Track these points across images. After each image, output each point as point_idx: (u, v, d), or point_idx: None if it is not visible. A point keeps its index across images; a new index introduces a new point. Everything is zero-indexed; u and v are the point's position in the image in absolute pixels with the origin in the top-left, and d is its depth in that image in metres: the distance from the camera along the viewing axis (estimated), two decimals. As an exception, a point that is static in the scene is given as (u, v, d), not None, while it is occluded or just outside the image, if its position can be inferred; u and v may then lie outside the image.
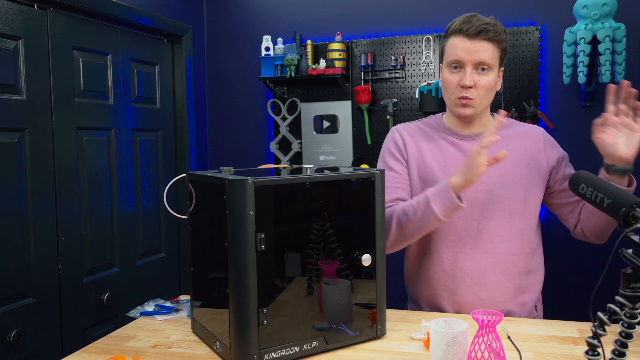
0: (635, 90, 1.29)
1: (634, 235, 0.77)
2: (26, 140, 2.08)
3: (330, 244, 1.26)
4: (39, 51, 2.15)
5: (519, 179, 1.51)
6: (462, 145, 1.54)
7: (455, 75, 1.46)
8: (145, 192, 2.76)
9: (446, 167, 1.53)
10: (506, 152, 1.32)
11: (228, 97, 3.45)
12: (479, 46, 1.42)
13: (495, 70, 1.46)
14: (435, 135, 1.58)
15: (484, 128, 1.55)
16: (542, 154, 1.53)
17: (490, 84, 1.46)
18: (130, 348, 1.31)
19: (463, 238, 1.51)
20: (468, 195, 1.48)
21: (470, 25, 1.42)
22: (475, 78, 1.44)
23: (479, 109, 1.49)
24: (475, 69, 1.44)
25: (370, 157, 3.17)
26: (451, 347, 1.08)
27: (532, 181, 1.52)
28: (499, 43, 1.45)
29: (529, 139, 1.55)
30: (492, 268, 1.50)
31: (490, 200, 1.50)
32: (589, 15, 2.51)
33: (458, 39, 1.44)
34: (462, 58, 1.43)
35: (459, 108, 1.48)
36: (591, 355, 0.83)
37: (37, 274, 2.10)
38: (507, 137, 1.53)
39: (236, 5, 3.40)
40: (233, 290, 1.16)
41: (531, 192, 1.51)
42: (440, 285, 1.54)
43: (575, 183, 0.90)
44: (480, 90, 1.45)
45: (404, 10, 3.09)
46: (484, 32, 1.41)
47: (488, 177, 1.49)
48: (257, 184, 1.13)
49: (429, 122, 1.63)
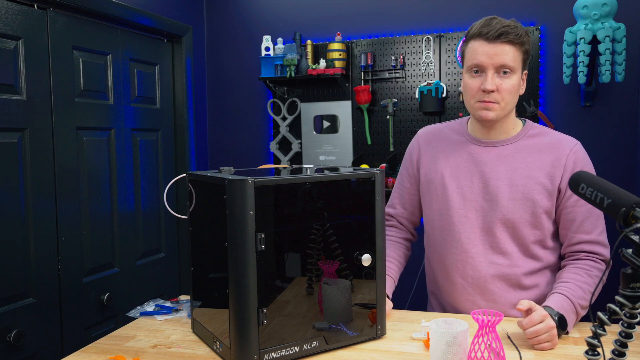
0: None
1: (634, 235, 0.77)
2: (26, 140, 2.08)
3: (330, 244, 1.26)
4: (39, 51, 2.15)
5: (530, 194, 1.44)
6: (479, 153, 1.50)
7: (476, 80, 1.42)
8: (145, 192, 2.76)
9: (456, 175, 1.52)
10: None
11: (228, 97, 3.45)
12: (500, 49, 1.38)
13: (518, 73, 1.41)
14: (455, 141, 1.56)
15: (506, 135, 1.50)
16: (560, 170, 1.43)
17: (514, 88, 1.41)
18: (130, 348, 1.31)
19: (465, 245, 1.50)
20: (473, 202, 1.48)
21: (490, 28, 1.38)
22: (497, 82, 1.39)
23: (501, 113, 1.43)
24: (496, 72, 1.40)
25: (370, 157, 3.17)
26: (451, 347, 1.08)
27: (543, 198, 1.43)
28: (521, 45, 1.40)
29: (555, 152, 1.45)
30: (492, 278, 1.48)
31: (494, 212, 1.46)
32: (589, 15, 2.51)
33: (478, 42, 1.40)
34: (483, 62, 1.39)
35: (481, 111, 1.43)
36: (591, 355, 0.83)
37: (37, 274, 2.10)
38: (532, 147, 1.47)
39: (236, 5, 3.40)
40: (233, 290, 1.16)
41: (539, 210, 1.43)
42: (441, 290, 1.58)
43: (575, 183, 0.90)
44: (503, 94, 1.40)
45: (404, 10, 3.09)
46: (505, 34, 1.37)
47: (496, 187, 1.46)
48: (257, 184, 1.13)
49: (453, 126, 1.61)
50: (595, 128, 2.84)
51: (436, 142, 1.60)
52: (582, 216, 1.42)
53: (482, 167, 1.49)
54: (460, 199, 1.50)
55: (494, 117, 1.43)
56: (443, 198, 1.53)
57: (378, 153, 3.16)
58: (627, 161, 2.80)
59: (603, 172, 2.76)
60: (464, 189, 1.50)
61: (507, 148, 1.48)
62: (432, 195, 1.57)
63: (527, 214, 1.44)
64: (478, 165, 1.49)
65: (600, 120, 2.83)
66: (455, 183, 1.51)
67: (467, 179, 1.50)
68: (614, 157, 2.82)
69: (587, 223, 1.42)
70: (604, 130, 2.83)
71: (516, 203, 1.44)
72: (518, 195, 1.44)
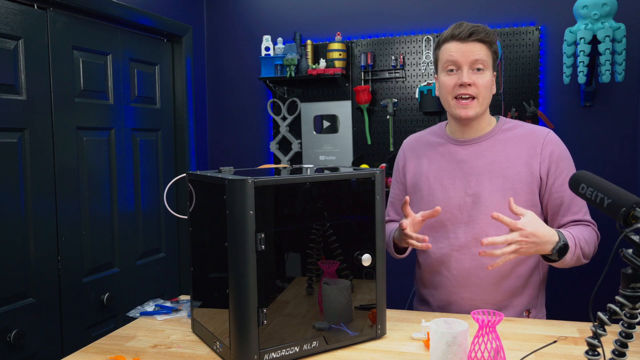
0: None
1: (634, 235, 0.77)
2: (26, 140, 2.08)
3: (330, 244, 1.26)
4: (39, 51, 2.15)
5: (510, 184, 1.48)
6: (458, 152, 1.56)
7: (452, 77, 1.48)
8: (145, 192, 2.76)
9: (439, 177, 1.57)
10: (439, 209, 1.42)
11: (228, 97, 3.45)
12: (472, 47, 1.45)
13: (490, 70, 1.48)
14: (437, 143, 1.62)
15: (482, 132, 1.55)
16: (537, 159, 1.48)
17: (488, 83, 1.47)
18: (130, 348, 1.31)
19: (451, 239, 1.54)
20: (457, 199, 1.53)
21: (461, 29, 1.46)
22: (473, 77, 1.45)
23: (479, 110, 1.48)
24: (471, 69, 1.46)
25: (370, 157, 3.18)
26: (451, 347, 1.08)
27: (523, 187, 1.48)
28: (490, 45, 1.47)
29: (529, 141, 1.51)
30: (476, 270, 1.51)
31: (477, 205, 1.50)
32: (589, 15, 2.51)
33: (451, 44, 1.47)
34: (457, 59, 1.45)
35: (460, 110, 1.48)
36: (591, 355, 0.83)
37: (37, 274, 2.10)
38: (507, 140, 1.52)
39: (236, 5, 3.40)
40: (233, 290, 1.16)
41: (521, 198, 1.47)
42: (427, 285, 1.62)
43: (575, 183, 0.90)
44: (480, 89, 1.46)
45: (404, 10, 3.09)
46: (475, 33, 1.44)
47: (477, 182, 1.50)
48: (257, 184, 1.13)
49: (434, 130, 1.67)
50: (595, 128, 2.84)
51: (419, 148, 1.67)
52: (568, 199, 1.48)
53: (462, 165, 1.54)
54: (444, 197, 1.55)
55: (473, 115, 1.48)
56: (429, 198, 1.58)
57: (378, 153, 3.16)
58: (627, 161, 2.80)
59: (603, 172, 2.76)
60: (447, 187, 1.55)
61: (484, 144, 1.54)
62: (419, 196, 1.62)
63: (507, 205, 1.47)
64: (458, 164, 1.55)
65: (600, 120, 2.83)
66: (438, 183, 1.57)
67: (450, 177, 1.56)
68: (614, 157, 2.82)
69: (574, 205, 1.48)
70: (604, 130, 2.83)
71: (497, 194, 1.48)
72: (498, 186, 1.49)
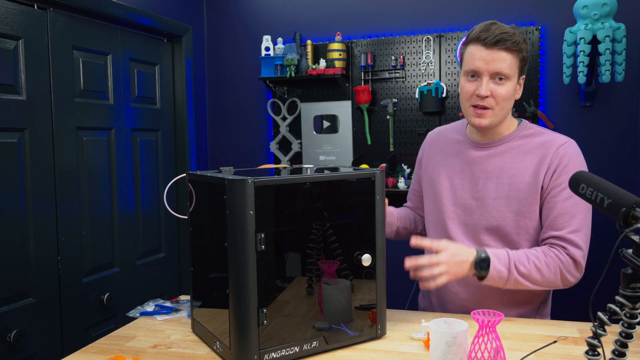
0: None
1: (634, 235, 0.77)
2: (26, 140, 2.08)
3: (330, 244, 1.26)
4: (39, 51, 2.15)
5: (515, 192, 1.45)
6: (471, 153, 1.54)
7: (472, 84, 1.44)
8: (145, 192, 2.76)
9: (451, 176, 1.57)
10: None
11: (228, 97, 3.45)
12: (497, 56, 1.39)
13: (513, 80, 1.43)
14: (455, 141, 1.61)
15: (499, 136, 1.51)
16: (544, 169, 1.44)
17: (508, 94, 1.42)
18: (130, 348, 1.31)
19: (453, 240, 1.52)
20: (463, 200, 1.53)
21: (488, 34, 1.39)
22: (492, 87, 1.41)
23: (495, 120, 1.45)
24: (492, 78, 1.41)
25: (370, 157, 3.18)
26: (451, 347, 1.08)
27: (528, 197, 1.45)
28: (518, 52, 1.41)
29: (542, 151, 1.46)
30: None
31: (481, 209, 1.49)
32: (589, 15, 2.51)
33: (476, 47, 1.42)
34: (479, 68, 1.41)
35: (474, 118, 1.45)
36: (591, 355, 0.83)
37: (37, 274, 2.10)
38: (522, 147, 1.49)
39: (236, 5, 3.40)
40: (233, 290, 1.16)
41: (524, 208, 1.45)
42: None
43: (575, 183, 0.90)
44: (497, 100, 1.42)
45: (404, 10, 3.09)
46: (502, 41, 1.38)
47: (484, 186, 1.49)
48: (257, 184, 1.13)
49: (456, 126, 1.65)
50: (595, 128, 2.84)
51: (438, 143, 1.66)
52: (556, 212, 1.42)
53: (473, 167, 1.53)
54: (451, 196, 1.55)
55: (488, 125, 1.45)
56: (437, 195, 1.59)
57: (378, 153, 3.16)
58: (627, 161, 2.80)
59: (603, 172, 2.76)
60: (455, 187, 1.55)
61: (498, 148, 1.51)
62: (429, 192, 1.63)
63: (512, 213, 1.46)
64: (470, 165, 1.54)
65: (600, 120, 2.83)
66: (448, 181, 1.57)
67: (460, 177, 1.55)
68: (614, 157, 2.82)
69: (560, 220, 1.41)
70: (604, 130, 2.83)
71: (501, 201, 1.47)
72: (503, 193, 1.47)
